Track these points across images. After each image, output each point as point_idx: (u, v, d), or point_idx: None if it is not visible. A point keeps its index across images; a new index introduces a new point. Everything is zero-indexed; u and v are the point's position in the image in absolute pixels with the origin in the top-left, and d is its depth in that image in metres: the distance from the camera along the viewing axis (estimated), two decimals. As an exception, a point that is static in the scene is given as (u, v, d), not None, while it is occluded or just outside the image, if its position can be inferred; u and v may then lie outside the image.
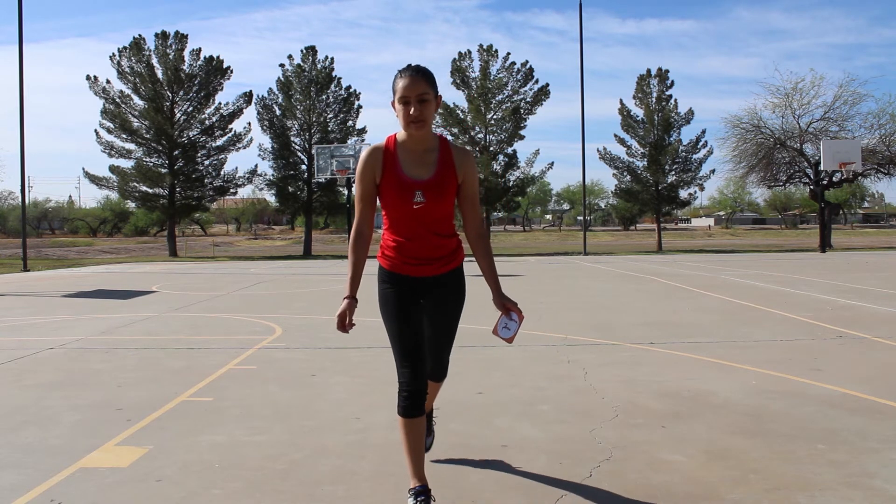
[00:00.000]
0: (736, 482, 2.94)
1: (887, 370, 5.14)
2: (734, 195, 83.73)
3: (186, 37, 33.97)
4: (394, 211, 2.69)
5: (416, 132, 2.62)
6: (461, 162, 2.72)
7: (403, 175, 2.65)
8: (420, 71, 2.62)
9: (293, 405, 4.34)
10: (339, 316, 2.61)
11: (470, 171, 2.75)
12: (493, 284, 2.83)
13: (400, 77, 2.61)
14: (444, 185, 2.67)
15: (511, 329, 2.79)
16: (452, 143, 2.78)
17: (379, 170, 2.67)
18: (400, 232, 2.72)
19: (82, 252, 41.55)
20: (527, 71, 34.71)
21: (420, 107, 2.58)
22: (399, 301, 2.74)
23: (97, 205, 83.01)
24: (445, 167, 2.69)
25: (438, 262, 2.75)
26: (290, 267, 22.64)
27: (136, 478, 3.08)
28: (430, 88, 2.61)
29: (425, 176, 2.66)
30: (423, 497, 2.63)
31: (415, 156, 2.68)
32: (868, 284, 12.28)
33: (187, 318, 8.92)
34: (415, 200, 2.64)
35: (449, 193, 2.69)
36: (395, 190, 2.64)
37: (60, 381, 5.13)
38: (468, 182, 2.75)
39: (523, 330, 7.30)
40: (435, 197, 2.65)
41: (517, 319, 2.80)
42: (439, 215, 2.70)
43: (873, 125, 33.47)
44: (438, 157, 2.70)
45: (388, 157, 2.67)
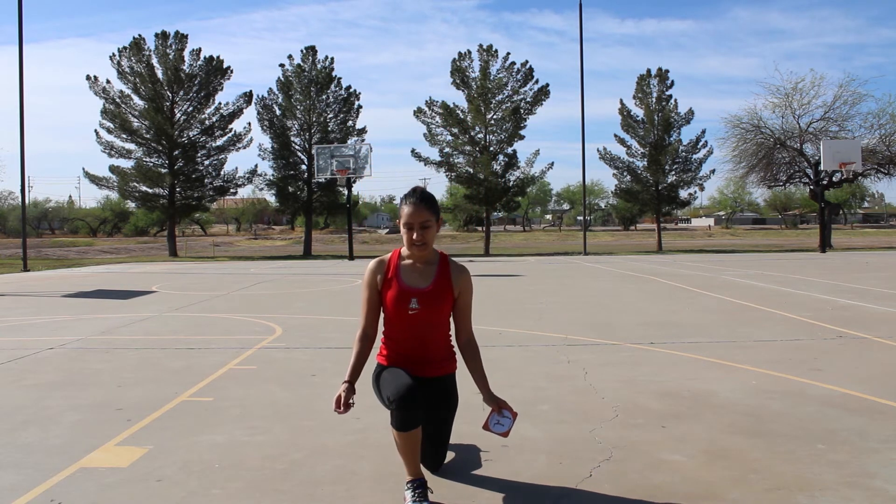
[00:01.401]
0: (736, 482, 2.94)
1: (887, 370, 5.14)
2: (734, 195, 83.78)
3: (186, 37, 33.98)
4: (392, 315, 2.95)
5: (418, 253, 2.93)
6: (458, 277, 3.00)
7: (403, 283, 2.94)
8: (423, 199, 2.90)
9: (293, 405, 4.34)
10: (336, 399, 2.77)
11: (465, 286, 3.02)
12: (483, 385, 3.00)
13: (405, 203, 2.91)
14: (439, 295, 2.94)
15: (504, 425, 2.93)
16: (451, 260, 3.06)
17: (381, 278, 2.98)
18: (396, 334, 2.99)
19: (82, 252, 41.55)
20: (527, 71, 34.71)
21: (422, 232, 2.88)
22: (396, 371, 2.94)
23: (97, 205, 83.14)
24: (442, 279, 2.97)
25: (430, 365, 2.99)
26: (290, 267, 22.63)
27: (136, 478, 3.08)
28: (432, 215, 2.90)
29: (422, 285, 2.94)
30: (421, 489, 2.74)
31: (415, 268, 2.98)
32: (868, 284, 12.28)
33: (187, 318, 8.92)
34: (410, 307, 2.90)
35: (443, 303, 2.95)
36: (394, 296, 2.93)
37: (60, 381, 5.13)
38: (463, 295, 3.02)
39: (523, 330, 7.32)
40: (429, 305, 2.92)
41: (510, 416, 2.94)
42: (433, 322, 2.95)
43: (873, 125, 33.53)
44: (437, 270, 2.98)
45: (390, 268, 2.99)
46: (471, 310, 3.09)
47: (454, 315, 3.06)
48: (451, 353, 3.10)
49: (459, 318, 3.06)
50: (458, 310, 3.04)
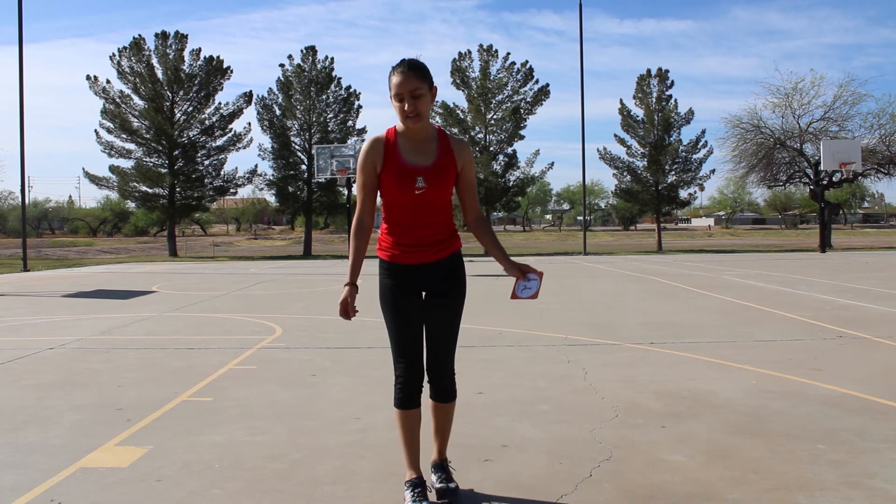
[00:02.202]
0: (736, 482, 2.94)
1: (887, 370, 5.14)
2: (734, 195, 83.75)
3: (186, 37, 33.97)
4: (395, 198, 2.73)
5: (412, 126, 2.68)
6: (459, 151, 2.79)
7: (404, 162, 2.70)
8: (412, 66, 2.65)
9: (293, 405, 4.34)
10: (342, 303, 2.67)
11: (468, 160, 2.83)
12: (502, 255, 2.83)
13: (393, 74, 2.65)
14: (444, 171, 2.73)
15: (532, 287, 2.79)
16: (451, 135, 2.86)
17: (380, 159, 2.72)
18: (399, 219, 2.76)
19: (82, 252, 41.55)
20: (527, 71, 34.72)
21: (414, 102, 2.63)
22: (399, 293, 2.77)
23: (97, 205, 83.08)
24: (445, 155, 2.75)
25: (436, 246, 2.78)
26: (290, 267, 22.63)
27: (136, 478, 3.08)
28: (423, 83, 2.64)
29: (426, 163, 2.71)
30: (420, 489, 2.71)
31: (415, 144, 2.74)
32: (868, 284, 12.28)
33: (187, 318, 8.92)
34: (416, 186, 2.69)
35: (448, 179, 2.75)
36: (397, 177, 2.69)
37: (60, 381, 5.13)
38: (466, 170, 2.82)
39: (523, 330, 7.32)
40: (436, 182, 2.71)
41: (536, 277, 2.79)
42: (439, 202, 2.76)
43: (873, 125, 33.51)
44: (438, 145, 2.76)
45: (388, 147, 2.73)
46: (476, 186, 2.92)
47: (460, 193, 2.88)
48: (454, 231, 2.87)
49: (466, 196, 2.87)
50: (462, 186, 2.85)
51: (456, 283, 2.84)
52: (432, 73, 2.72)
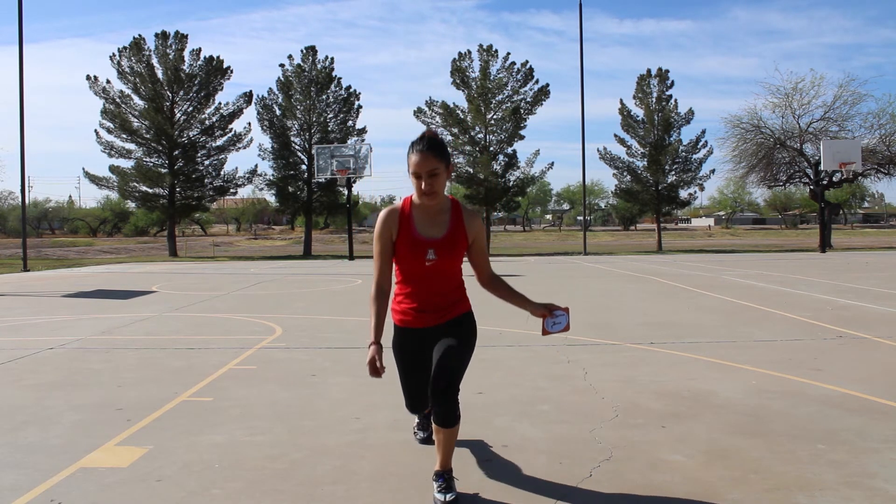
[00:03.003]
0: (736, 482, 2.94)
1: (887, 370, 5.14)
2: (734, 195, 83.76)
3: (186, 37, 33.98)
4: (407, 266, 2.89)
5: (428, 202, 2.84)
6: (470, 223, 2.94)
7: (417, 234, 2.86)
8: (431, 147, 2.78)
9: (293, 405, 4.34)
10: (370, 363, 2.76)
11: (479, 231, 2.97)
12: (525, 301, 2.98)
13: (412, 151, 2.79)
14: (455, 243, 2.88)
15: (561, 322, 2.92)
16: (463, 206, 2.99)
17: (395, 229, 2.88)
18: (411, 285, 2.93)
19: (82, 252, 41.55)
20: (527, 71, 34.70)
21: (431, 181, 2.78)
22: (408, 354, 3.01)
23: (97, 205, 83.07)
24: (457, 227, 2.90)
25: (444, 311, 2.95)
26: (290, 267, 22.63)
27: (136, 478, 3.08)
28: (441, 162, 2.79)
29: (438, 235, 2.87)
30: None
31: (428, 216, 2.89)
32: (868, 284, 12.28)
33: (187, 318, 8.92)
34: (427, 258, 2.84)
35: (459, 251, 2.90)
36: (410, 248, 2.85)
37: (60, 381, 5.13)
38: (478, 240, 2.98)
39: (523, 330, 7.31)
40: (446, 254, 2.86)
41: (563, 312, 2.92)
42: (449, 271, 2.92)
43: (873, 125, 33.54)
44: (451, 217, 2.91)
45: (403, 218, 2.88)
46: (486, 251, 3.04)
47: (471, 259, 3.01)
48: (463, 296, 3.02)
49: (478, 261, 3.01)
50: (474, 254, 2.99)
51: (463, 329, 2.96)
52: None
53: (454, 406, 2.76)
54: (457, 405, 2.78)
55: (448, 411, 2.75)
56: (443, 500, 2.76)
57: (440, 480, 2.83)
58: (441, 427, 2.78)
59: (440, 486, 2.82)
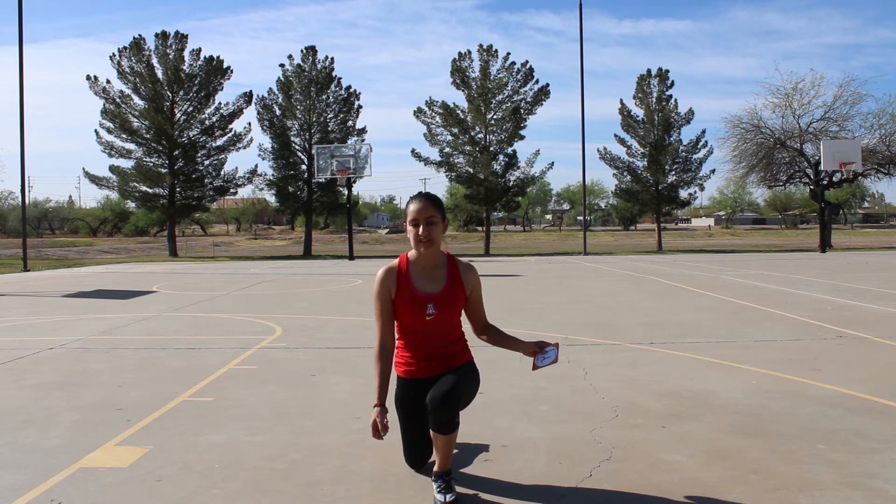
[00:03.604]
0: (736, 482, 2.94)
1: (887, 370, 5.14)
2: (734, 195, 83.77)
3: (186, 37, 34.00)
4: (408, 322, 2.96)
5: (424, 251, 2.91)
6: (467, 277, 3.03)
7: (416, 290, 2.93)
8: (429, 198, 2.93)
9: (293, 405, 4.34)
10: (373, 425, 2.81)
11: (475, 283, 3.08)
12: (516, 342, 3.09)
13: (411, 202, 2.93)
14: (453, 297, 2.97)
15: (550, 356, 2.99)
16: (458, 260, 3.08)
17: (394, 287, 2.95)
18: (412, 340, 3.00)
19: (82, 252, 41.56)
20: (527, 71, 34.72)
21: (428, 228, 2.88)
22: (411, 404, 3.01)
23: (97, 205, 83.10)
24: (453, 281, 2.99)
25: (447, 360, 3.01)
26: (290, 267, 22.63)
27: (136, 478, 3.08)
28: (437, 212, 2.91)
29: (436, 290, 2.95)
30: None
31: (425, 272, 2.97)
32: (868, 284, 12.28)
33: (187, 318, 8.92)
34: (427, 312, 2.91)
35: (457, 304, 3.00)
36: (409, 304, 2.92)
37: (60, 381, 5.13)
38: (475, 292, 3.08)
39: (523, 330, 7.31)
40: (445, 308, 2.95)
41: (553, 347, 3.01)
42: (449, 324, 2.99)
43: (873, 125, 33.55)
44: (447, 272, 3.00)
45: (401, 276, 2.96)
46: (482, 301, 3.14)
47: (468, 311, 3.10)
48: (465, 346, 3.10)
49: (474, 313, 3.11)
50: (471, 306, 3.09)
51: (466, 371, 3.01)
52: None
53: (453, 415, 2.74)
54: (456, 414, 2.77)
55: (446, 420, 2.73)
56: (443, 500, 2.76)
57: (440, 481, 2.84)
58: (437, 433, 2.77)
59: (440, 486, 2.82)
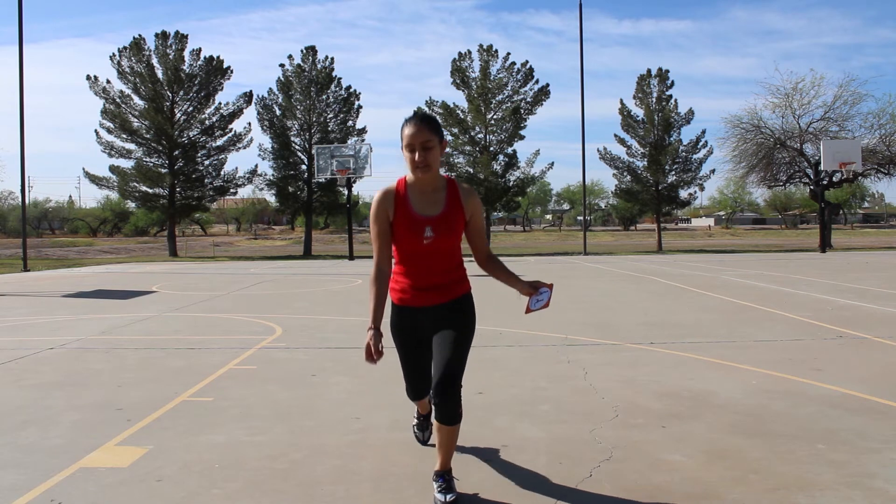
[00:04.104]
0: (736, 482, 2.94)
1: (887, 370, 5.14)
2: (734, 195, 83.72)
3: (186, 37, 33.99)
4: (405, 246, 2.86)
5: (421, 176, 2.79)
6: (468, 200, 2.91)
7: (414, 213, 2.83)
8: (425, 119, 2.77)
9: (293, 405, 4.34)
10: (367, 348, 2.74)
11: (476, 208, 2.93)
12: (515, 279, 2.99)
13: (406, 125, 2.76)
14: (452, 221, 2.85)
15: (543, 298, 2.93)
16: (459, 183, 2.95)
17: (391, 209, 2.85)
18: (409, 265, 2.90)
19: (82, 252, 41.56)
20: (527, 71, 34.72)
21: (424, 153, 2.74)
22: (407, 333, 2.98)
23: (97, 205, 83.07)
24: (453, 205, 2.87)
25: (445, 289, 2.91)
26: (290, 267, 22.63)
27: (136, 478, 3.08)
28: (434, 135, 2.76)
29: (434, 213, 2.84)
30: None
31: (424, 195, 2.86)
32: (868, 284, 12.28)
33: (187, 318, 8.92)
34: (425, 236, 2.81)
35: (457, 229, 2.87)
36: (407, 226, 2.82)
37: (60, 381, 5.13)
38: (475, 217, 2.94)
39: (523, 330, 7.32)
40: (444, 232, 2.83)
41: (547, 290, 2.93)
42: (447, 249, 2.88)
43: (873, 125, 33.52)
44: (447, 195, 2.88)
45: (399, 197, 2.85)
46: (484, 229, 3.03)
47: (469, 237, 2.99)
48: (463, 276, 2.99)
49: (475, 240, 2.99)
50: (471, 232, 2.96)
51: (464, 316, 2.93)
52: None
53: (456, 403, 2.75)
54: (459, 403, 2.77)
55: (450, 409, 2.74)
56: (443, 500, 2.76)
57: (440, 480, 2.83)
58: (442, 424, 2.77)
59: (440, 486, 2.82)
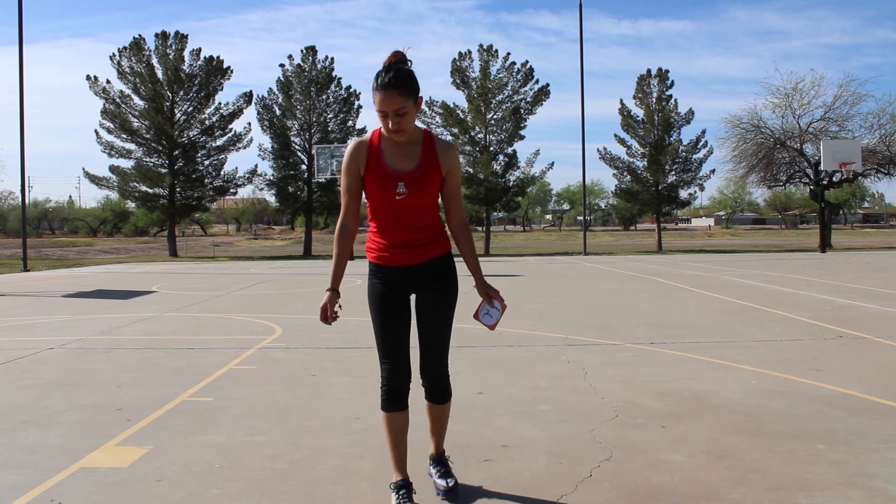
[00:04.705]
0: (736, 482, 2.94)
1: (887, 370, 5.14)
2: (734, 195, 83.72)
3: (186, 37, 33.97)
4: (377, 202, 2.69)
5: (397, 139, 2.66)
6: (445, 155, 2.72)
7: (386, 167, 2.66)
8: (396, 83, 2.53)
9: (293, 405, 4.34)
10: (322, 308, 2.67)
11: (453, 164, 2.75)
12: (476, 272, 2.85)
13: (377, 89, 2.56)
14: (426, 176, 2.68)
15: (493, 316, 2.81)
16: (437, 137, 2.78)
17: (363, 162, 2.68)
18: (383, 222, 2.72)
19: (82, 252, 41.55)
20: (527, 71, 34.70)
21: (398, 119, 2.57)
22: (385, 293, 2.74)
23: (97, 205, 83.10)
24: (428, 160, 2.69)
25: (422, 248, 2.74)
26: (290, 267, 22.63)
27: (136, 478, 3.08)
28: (408, 99, 2.56)
29: (408, 167, 2.67)
30: (405, 491, 2.69)
31: (399, 148, 2.68)
32: (868, 284, 12.28)
33: (187, 318, 8.92)
34: (397, 191, 2.64)
35: (431, 185, 2.69)
36: (378, 181, 2.65)
37: (60, 381, 5.13)
38: (452, 174, 2.76)
39: (523, 330, 7.32)
40: (417, 188, 2.66)
41: (499, 308, 2.82)
42: (421, 205, 2.70)
43: (873, 125, 33.50)
44: (422, 149, 2.70)
45: (372, 150, 2.68)
46: (461, 191, 2.86)
47: (444, 197, 2.81)
48: (442, 233, 2.81)
49: (450, 201, 2.82)
50: (447, 191, 2.78)
51: (445, 283, 2.80)
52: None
53: (446, 382, 2.81)
54: (448, 382, 2.83)
55: (441, 387, 2.81)
56: (445, 485, 2.76)
57: (438, 466, 2.84)
58: (434, 404, 2.82)
59: (439, 471, 2.83)
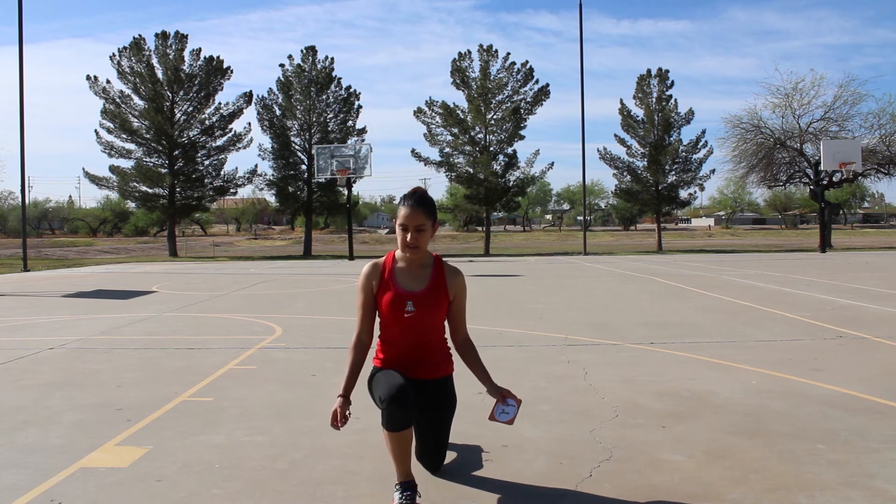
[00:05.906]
0: (736, 482, 2.94)
1: (887, 370, 5.14)
2: (734, 195, 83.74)
3: (186, 37, 33.98)
4: (388, 319, 2.95)
5: (410, 256, 2.93)
6: (452, 280, 3.01)
7: (398, 287, 2.93)
8: (422, 203, 2.88)
9: (293, 405, 4.34)
10: (332, 414, 2.78)
11: (460, 289, 3.04)
12: (485, 379, 3.05)
13: (403, 204, 2.89)
14: (434, 298, 2.95)
15: (509, 413, 2.97)
16: (446, 263, 3.06)
17: (377, 282, 2.96)
18: (392, 338, 2.99)
19: (82, 252, 41.55)
20: (527, 71, 34.70)
21: (416, 235, 2.87)
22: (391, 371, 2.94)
23: (97, 205, 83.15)
24: (437, 282, 2.97)
25: (427, 366, 3.00)
26: (290, 267, 22.63)
27: (136, 478, 3.08)
28: (428, 219, 2.89)
29: (417, 289, 2.94)
30: (409, 492, 2.71)
31: (410, 270, 2.97)
32: (868, 284, 12.28)
33: (187, 318, 8.92)
34: (406, 310, 2.90)
35: (438, 306, 2.96)
36: (389, 300, 2.91)
37: (60, 381, 5.13)
38: (458, 298, 3.05)
39: (523, 330, 7.32)
40: (425, 308, 2.92)
41: (514, 403, 2.98)
42: (428, 325, 2.96)
43: (873, 125, 33.54)
44: (432, 272, 2.99)
45: (385, 271, 2.97)
46: (465, 311, 3.11)
47: (449, 317, 3.08)
48: (447, 355, 3.10)
49: (455, 321, 3.08)
50: (452, 312, 3.06)
51: (446, 402, 3.06)
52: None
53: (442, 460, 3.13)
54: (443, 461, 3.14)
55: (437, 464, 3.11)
56: None
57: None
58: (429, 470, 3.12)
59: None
